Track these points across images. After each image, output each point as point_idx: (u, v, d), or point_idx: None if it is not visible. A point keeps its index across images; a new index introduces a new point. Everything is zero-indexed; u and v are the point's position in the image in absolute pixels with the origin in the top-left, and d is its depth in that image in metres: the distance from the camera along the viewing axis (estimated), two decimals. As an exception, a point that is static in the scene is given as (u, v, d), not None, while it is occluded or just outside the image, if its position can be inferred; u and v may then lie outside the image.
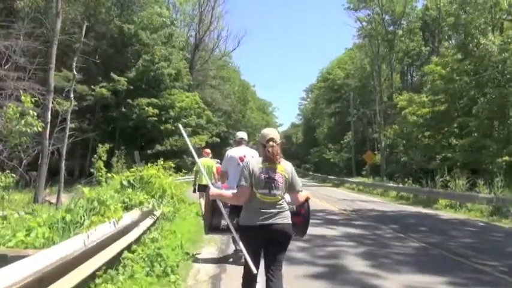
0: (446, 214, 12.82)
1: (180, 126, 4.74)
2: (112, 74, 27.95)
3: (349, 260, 5.53)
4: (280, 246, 3.04)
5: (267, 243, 2.97)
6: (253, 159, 3.16)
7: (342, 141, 48.09)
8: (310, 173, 54.72)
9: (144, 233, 4.78)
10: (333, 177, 37.06)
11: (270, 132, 3.12)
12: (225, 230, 3.60)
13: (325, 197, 19.05)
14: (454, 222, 10.91)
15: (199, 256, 5.23)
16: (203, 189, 8.73)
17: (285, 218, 2.99)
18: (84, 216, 3.73)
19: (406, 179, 20.71)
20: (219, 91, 43.23)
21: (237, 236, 3.13)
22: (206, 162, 8.79)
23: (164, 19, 31.01)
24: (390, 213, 12.53)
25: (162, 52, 29.44)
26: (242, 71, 77.68)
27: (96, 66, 30.04)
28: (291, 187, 3.06)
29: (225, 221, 3.39)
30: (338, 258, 5.69)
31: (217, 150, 37.47)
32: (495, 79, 21.82)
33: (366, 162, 35.28)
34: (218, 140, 36.01)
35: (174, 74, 30.95)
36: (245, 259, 2.95)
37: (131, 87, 28.76)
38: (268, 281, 2.96)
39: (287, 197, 3.14)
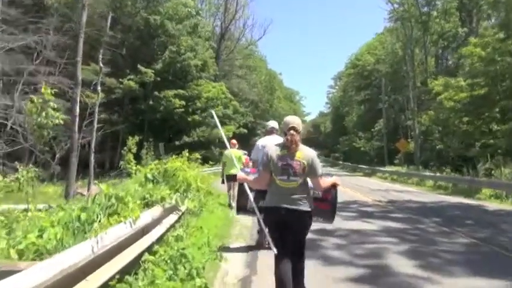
0: (492, 205, 11.89)
1: (213, 112, 5.15)
2: (139, 66, 28.03)
3: (392, 260, 4.98)
4: (297, 231, 3.15)
5: (286, 227, 3.10)
6: (273, 146, 3.23)
7: (372, 129, 46.66)
8: (340, 162, 53.61)
9: (167, 231, 4.43)
10: (364, 166, 35.95)
11: (292, 120, 3.20)
12: (251, 212, 3.86)
13: (357, 187, 18.33)
14: (501, 214, 10.05)
15: (227, 256, 4.83)
16: (231, 179, 9.05)
17: (303, 205, 3.08)
18: (100, 214, 3.40)
19: (443, 168, 19.54)
20: (245, 81, 42.79)
21: (260, 217, 3.34)
22: (233, 153, 8.40)
23: (189, 9, 30.74)
24: (430, 205, 11.74)
25: (188, 43, 29.25)
26: (268, 60, 76.47)
27: (123, 59, 30.29)
28: (310, 172, 3.12)
29: (251, 203, 3.64)
30: (380, 257, 5.14)
31: (245, 141, 37.17)
32: (543, 58, 20.17)
33: (398, 151, 34.06)
34: (245, 130, 35.68)
35: (201, 65, 30.74)
36: (269, 242, 3.18)
37: (158, 79, 28.80)
38: (292, 266, 3.10)
39: (310, 182, 3.23)
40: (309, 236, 6.04)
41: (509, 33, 22.11)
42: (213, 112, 6.02)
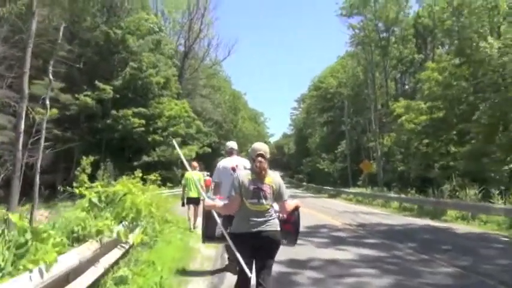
0: (460, 227, 11.68)
1: (174, 141, 5.34)
2: (97, 82, 26.59)
3: (378, 298, 4.30)
4: (269, 253, 3.20)
5: (256, 250, 3.13)
6: (243, 171, 3.37)
7: (335, 151, 47.11)
8: (304, 183, 53.41)
9: (107, 272, 3.50)
10: (328, 187, 35.78)
11: (259, 147, 3.28)
12: (220, 239, 3.69)
13: (324, 209, 17.84)
14: (472, 237, 9.77)
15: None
16: (192, 201, 9.06)
17: (273, 226, 3.17)
18: (5, 255, 2.47)
19: (406, 189, 19.53)
20: (209, 100, 42.03)
21: (231, 243, 3.21)
22: (194, 175, 8.48)
23: (152, 25, 29.88)
24: (399, 228, 11.34)
25: (150, 59, 28.22)
26: (233, 81, 76.00)
27: (80, 75, 28.71)
28: (278, 196, 3.24)
29: (219, 230, 3.56)
30: (363, 295, 4.44)
31: (209, 161, 36.08)
32: (495, 83, 21.02)
33: (361, 172, 34.31)
34: (209, 150, 34.64)
35: (163, 83, 29.72)
36: (239, 266, 3.13)
37: (117, 96, 27.49)
38: (259, 286, 3.13)
39: (275, 206, 3.33)
40: (281, 269, 5.31)
41: (463, 60, 23.03)
42: (174, 141, 6.06)
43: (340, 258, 6.45)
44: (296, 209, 3.50)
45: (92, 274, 3.05)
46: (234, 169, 4.81)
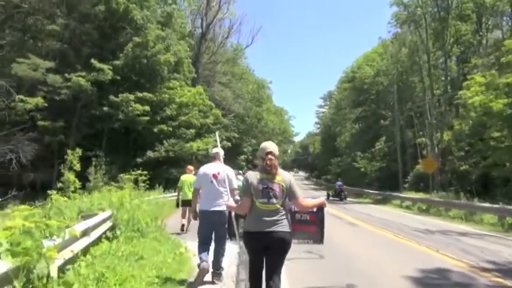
0: None
1: (217, 134, 5.63)
2: (93, 60, 21.81)
3: None
4: (279, 253, 3.22)
5: (266, 249, 3.17)
6: (251, 172, 3.37)
7: (372, 149, 41.17)
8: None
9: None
10: (371, 191, 29.92)
11: (268, 145, 3.36)
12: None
13: (391, 225, 12.31)
14: None
15: None
16: (187, 204, 9.07)
17: (284, 226, 3.19)
18: None
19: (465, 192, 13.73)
20: (229, 89, 36.79)
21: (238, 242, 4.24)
22: (189, 179, 9.16)
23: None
24: None
25: (157, 33, 23.13)
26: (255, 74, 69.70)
27: (77, 55, 24.09)
28: (290, 195, 3.26)
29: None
30: None
31: (228, 159, 30.96)
32: None
33: (408, 172, 28.79)
34: (229, 144, 29.38)
35: (173, 63, 24.66)
36: (250, 264, 3.34)
37: (118, 77, 22.65)
38: (268, 286, 3.20)
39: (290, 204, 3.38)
40: None
41: None
42: (217, 134, 5.77)
43: None
44: (321, 209, 3.48)
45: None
46: (215, 176, 4.70)
